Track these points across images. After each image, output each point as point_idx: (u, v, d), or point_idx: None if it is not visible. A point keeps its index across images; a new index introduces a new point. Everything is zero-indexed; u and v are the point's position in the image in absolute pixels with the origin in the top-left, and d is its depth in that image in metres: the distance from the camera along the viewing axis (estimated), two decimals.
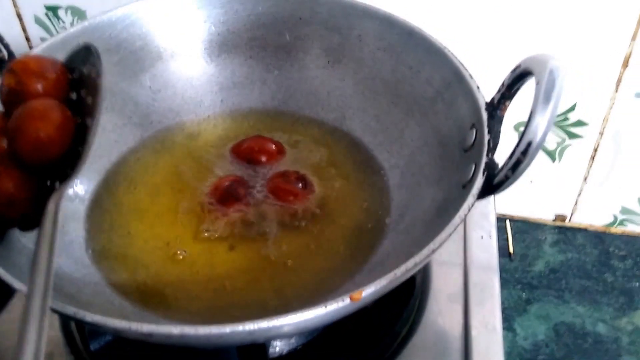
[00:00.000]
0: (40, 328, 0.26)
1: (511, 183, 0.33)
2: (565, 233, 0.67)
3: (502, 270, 0.63)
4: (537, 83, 0.32)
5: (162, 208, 0.45)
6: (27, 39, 0.63)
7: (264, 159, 0.47)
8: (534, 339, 0.58)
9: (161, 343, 0.29)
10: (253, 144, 0.48)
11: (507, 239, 0.66)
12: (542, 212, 0.68)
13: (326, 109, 0.50)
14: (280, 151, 0.48)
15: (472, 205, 0.32)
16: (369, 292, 0.28)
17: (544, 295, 0.62)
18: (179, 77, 0.50)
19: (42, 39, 0.63)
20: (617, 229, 0.67)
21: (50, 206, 0.28)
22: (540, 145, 0.31)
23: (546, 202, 0.67)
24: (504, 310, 0.60)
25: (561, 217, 0.68)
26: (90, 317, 0.27)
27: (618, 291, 0.62)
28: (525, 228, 0.68)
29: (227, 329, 0.26)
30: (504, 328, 0.58)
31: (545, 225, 0.68)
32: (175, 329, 0.26)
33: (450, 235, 0.31)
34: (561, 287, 0.62)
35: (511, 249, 0.66)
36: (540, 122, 0.31)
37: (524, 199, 0.67)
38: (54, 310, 0.28)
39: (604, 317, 0.60)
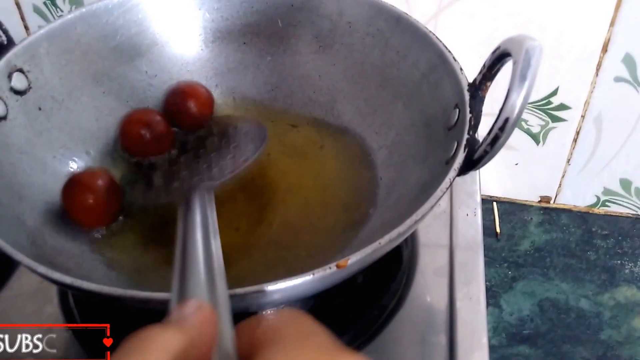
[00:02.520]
0: None
1: (490, 158, 0.35)
2: (550, 214, 0.69)
3: (489, 249, 0.65)
4: (514, 63, 0.34)
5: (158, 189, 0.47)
6: (26, 27, 0.64)
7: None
8: (519, 314, 0.60)
9: (156, 310, 0.31)
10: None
11: (494, 220, 0.68)
12: (528, 193, 0.70)
13: (318, 93, 0.52)
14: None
15: (453, 179, 0.34)
16: (354, 260, 0.30)
17: (529, 273, 0.64)
18: (174, 63, 0.52)
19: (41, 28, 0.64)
20: (600, 210, 0.69)
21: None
22: (517, 122, 0.33)
23: (531, 184, 0.69)
24: (490, 288, 0.62)
25: (546, 199, 0.70)
26: (87, 285, 0.29)
27: (600, 268, 0.64)
28: (511, 209, 0.70)
29: None
30: (490, 304, 0.61)
31: (531, 206, 0.70)
32: (169, 295, 0.28)
33: (432, 207, 0.33)
34: (546, 265, 0.64)
35: (498, 230, 0.68)
36: (517, 100, 0.33)
37: (510, 181, 0.69)
38: (51, 280, 0.30)
39: (587, 293, 0.62)
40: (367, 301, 0.44)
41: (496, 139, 0.34)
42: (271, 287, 0.29)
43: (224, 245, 0.42)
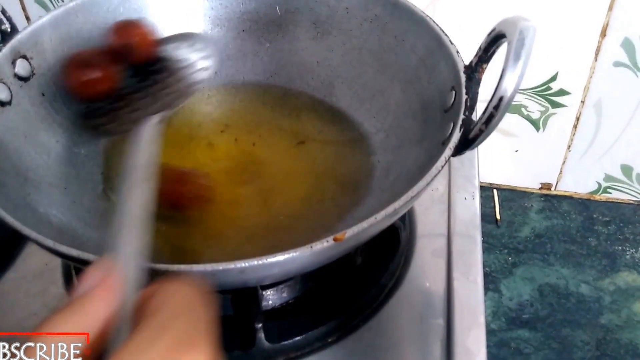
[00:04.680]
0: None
1: (485, 137, 0.35)
2: (550, 201, 0.70)
3: (489, 236, 0.66)
4: (509, 43, 0.34)
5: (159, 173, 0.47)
6: (27, 18, 0.65)
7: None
8: (519, 299, 0.61)
9: None
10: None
11: (494, 207, 0.69)
12: (528, 180, 0.70)
13: (316, 79, 0.52)
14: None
15: (449, 157, 0.35)
16: (350, 234, 0.31)
17: (529, 259, 0.64)
18: None
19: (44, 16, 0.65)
20: (601, 196, 0.70)
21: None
22: (511, 101, 0.34)
23: (532, 171, 0.69)
24: (490, 273, 0.63)
25: (547, 186, 0.71)
26: (93, 258, 0.29)
27: (601, 254, 0.64)
28: (512, 197, 0.70)
29: (219, 266, 0.29)
30: (490, 290, 0.61)
31: (532, 193, 0.71)
32: (172, 267, 0.29)
33: (427, 184, 0.33)
34: (546, 251, 0.65)
35: (498, 216, 0.68)
36: (511, 79, 0.33)
37: (511, 168, 0.70)
38: (58, 253, 0.31)
39: (587, 279, 0.62)
40: (366, 281, 0.44)
41: (491, 118, 0.34)
42: (270, 260, 0.29)
43: (225, 232, 0.44)
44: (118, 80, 0.43)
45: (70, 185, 0.42)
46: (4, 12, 0.44)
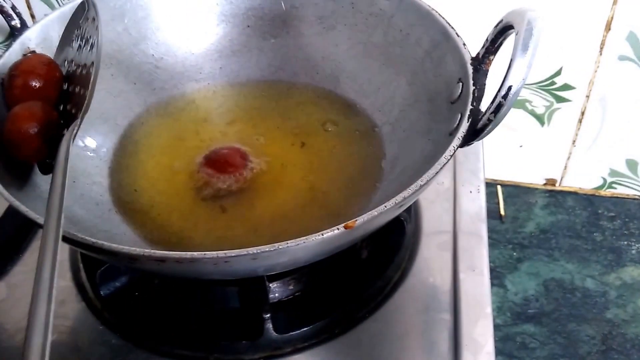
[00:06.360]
0: (54, 256, 0.27)
1: (494, 127, 0.35)
2: (555, 196, 0.70)
3: (493, 232, 0.66)
4: (517, 33, 0.34)
5: (166, 168, 0.48)
6: (32, 16, 0.65)
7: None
8: (524, 294, 0.60)
9: (171, 273, 0.31)
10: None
11: (498, 203, 0.69)
12: (533, 176, 0.70)
13: (321, 74, 0.52)
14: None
15: (457, 147, 0.35)
16: (361, 222, 0.31)
17: (534, 254, 0.64)
18: (179, 46, 0.53)
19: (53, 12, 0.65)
20: (606, 192, 0.70)
21: (63, 144, 0.31)
22: (520, 90, 0.34)
23: (536, 167, 0.69)
24: (495, 269, 0.63)
25: (551, 181, 0.70)
26: (108, 246, 0.30)
27: (607, 249, 0.64)
28: (516, 192, 0.70)
29: (232, 253, 0.29)
30: (495, 285, 0.61)
31: (536, 189, 0.71)
32: (185, 254, 0.29)
33: (437, 173, 0.34)
34: (551, 247, 0.65)
35: (502, 212, 0.68)
36: (520, 69, 0.33)
37: (515, 164, 0.69)
38: (72, 242, 0.31)
39: (593, 273, 0.62)
40: (372, 274, 0.44)
41: (499, 107, 0.34)
42: (282, 246, 0.29)
43: (231, 223, 0.44)
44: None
45: (78, 179, 0.43)
46: (14, 8, 0.44)
